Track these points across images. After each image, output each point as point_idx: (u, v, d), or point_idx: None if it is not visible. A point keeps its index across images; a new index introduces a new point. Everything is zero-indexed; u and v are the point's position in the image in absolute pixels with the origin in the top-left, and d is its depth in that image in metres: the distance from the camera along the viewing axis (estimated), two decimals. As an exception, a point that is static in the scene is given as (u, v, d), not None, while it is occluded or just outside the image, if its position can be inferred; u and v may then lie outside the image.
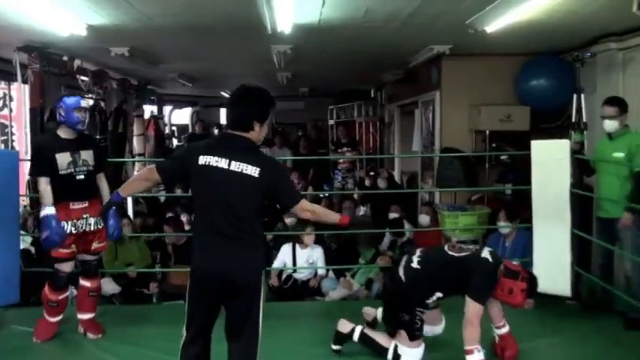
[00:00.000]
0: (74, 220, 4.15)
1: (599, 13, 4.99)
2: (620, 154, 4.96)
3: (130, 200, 7.80)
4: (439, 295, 3.78)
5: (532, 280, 3.76)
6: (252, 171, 2.85)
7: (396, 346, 3.83)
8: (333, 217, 3.30)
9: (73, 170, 4.11)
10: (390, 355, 3.85)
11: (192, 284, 2.97)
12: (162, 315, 5.14)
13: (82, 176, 4.14)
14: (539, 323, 4.98)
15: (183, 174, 2.99)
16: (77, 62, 7.56)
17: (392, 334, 3.90)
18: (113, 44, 6.49)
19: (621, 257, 5.01)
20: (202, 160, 2.88)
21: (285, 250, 6.38)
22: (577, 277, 5.07)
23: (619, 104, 5.05)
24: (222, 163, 2.86)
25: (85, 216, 4.19)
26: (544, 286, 5.05)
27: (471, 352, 3.58)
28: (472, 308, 3.63)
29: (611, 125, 5.02)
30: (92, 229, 4.25)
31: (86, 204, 4.20)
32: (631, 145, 4.88)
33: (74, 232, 4.15)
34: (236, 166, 2.85)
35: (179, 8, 4.92)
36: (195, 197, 3.01)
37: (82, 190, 4.18)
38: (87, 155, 4.21)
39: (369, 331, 4.04)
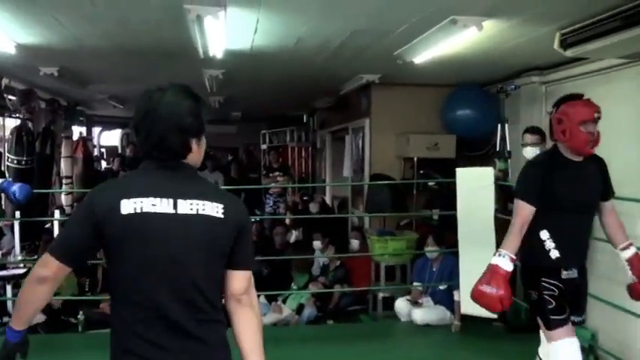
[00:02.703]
0: None
1: (523, 49, 5.21)
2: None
3: (55, 224, 7.58)
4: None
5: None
6: (214, 209, 1.92)
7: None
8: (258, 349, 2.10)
9: None
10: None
11: None
12: (88, 344, 5.01)
13: None
14: (466, 345, 5.12)
15: (99, 241, 1.90)
16: (5, 81, 7.34)
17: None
18: (42, 64, 6.33)
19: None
20: (127, 206, 1.85)
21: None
22: (502, 300, 5.23)
23: (539, 133, 5.34)
24: (164, 205, 1.88)
25: None
26: (471, 309, 5.23)
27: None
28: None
29: (531, 152, 5.27)
30: None
31: None
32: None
33: None
34: (187, 206, 1.90)
35: (111, 30, 4.87)
36: (117, 272, 1.92)
37: None
38: None
39: None
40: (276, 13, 4.23)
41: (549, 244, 3.29)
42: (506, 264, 3.21)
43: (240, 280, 2.01)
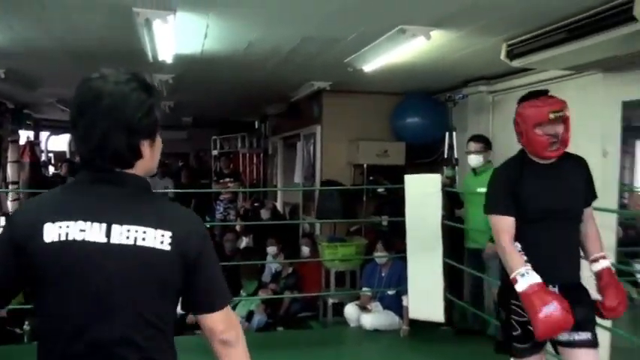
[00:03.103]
0: None
1: (470, 59, 5.32)
2: (483, 189, 5.30)
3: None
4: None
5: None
6: (157, 239, 1.50)
7: None
8: None
9: None
10: None
11: None
12: (33, 355, 4.87)
13: None
14: (414, 349, 5.19)
15: (18, 275, 1.53)
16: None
17: None
18: (-12, 66, 6.18)
19: (489, 284, 5.33)
20: (51, 232, 1.48)
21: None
22: (450, 304, 5.34)
23: (483, 141, 5.47)
24: (95, 232, 1.48)
25: None
26: (419, 313, 5.32)
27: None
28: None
29: (475, 160, 5.40)
30: None
31: None
32: (493, 180, 5.25)
33: None
34: (123, 233, 1.49)
35: (60, 33, 4.78)
36: (42, 310, 1.54)
37: None
38: None
39: None
40: (226, 18, 4.23)
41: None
42: (532, 278, 2.69)
43: (215, 323, 1.62)
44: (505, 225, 2.85)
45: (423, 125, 7.25)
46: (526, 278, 2.68)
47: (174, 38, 4.48)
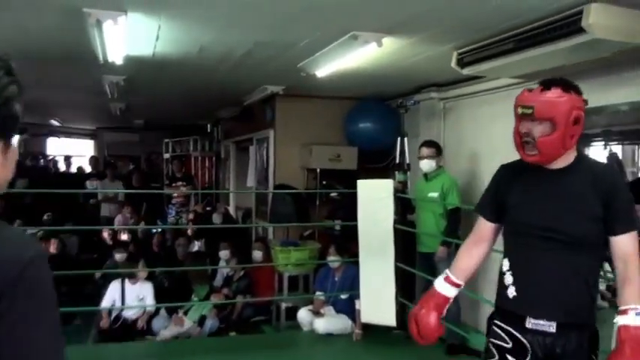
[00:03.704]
0: None
1: (422, 66, 5.38)
2: (434, 194, 5.41)
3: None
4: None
5: None
6: None
7: None
8: None
9: None
10: None
11: None
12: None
13: None
14: (367, 353, 5.23)
15: None
16: None
17: None
18: None
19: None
20: None
21: (114, 287, 6.16)
22: (402, 308, 5.39)
23: (435, 146, 5.56)
24: None
25: None
26: (371, 317, 5.36)
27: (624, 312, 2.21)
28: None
29: (427, 165, 5.48)
30: None
31: None
32: (444, 185, 5.36)
33: None
34: None
35: (7, 33, 4.66)
36: None
37: None
38: None
39: None
40: (178, 20, 4.19)
41: (508, 279, 2.39)
42: (439, 285, 2.54)
43: None
44: (478, 225, 2.57)
45: (376, 130, 7.32)
46: (438, 281, 2.57)
47: (126, 39, 4.42)
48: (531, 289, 2.31)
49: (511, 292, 2.36)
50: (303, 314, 5.80)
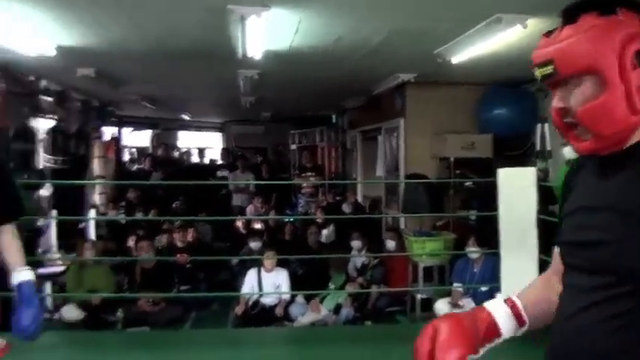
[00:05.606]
0: None
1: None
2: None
3: (92, 223, 7.68)
4: None
5: None
6: None
7: None
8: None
9: None
10: None
11: None
12: (127, 341, 5.03)
13: None
14: (509, 347, 5.05)
15: None
16: (44, 82, 7.43)
17: None
18: (80, 65, 6.41)
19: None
20: None
21: (251, 274, 6.34)
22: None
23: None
24: None
25: None
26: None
27: None
28: None
29: (569, 152, 5.20)
30: None
31: None
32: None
33: None
34: None
35: (151, 31, 4.90)
36: None
37: None
38: None
39: None
40: (319, 12, 4.22)
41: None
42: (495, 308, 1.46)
43: None
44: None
45: (512, 116, 7.05)
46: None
47: (266, 34, 4.51)
48: (563, 337, 1.34)
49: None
50: (441, 306, 5.70)
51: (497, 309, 1.44)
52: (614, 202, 1.19)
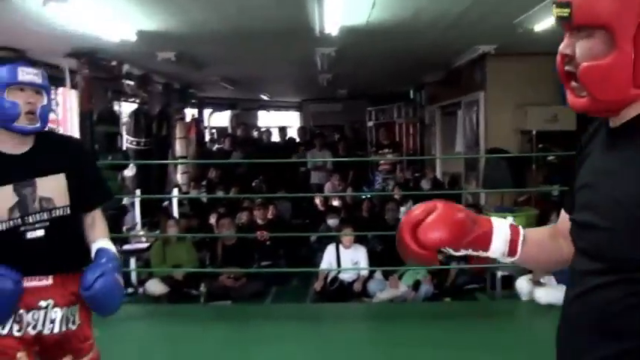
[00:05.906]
0: (22, 313, 2.08)
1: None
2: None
3: (175, 201, 7.92)
4: None
5: None
6: None
7: None
8: None
9: (19, 223, 2.07)
10: None
11: None
12: (209, 315, 5.19)
13: (38, 233, 2.10)
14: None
15: None
16: (126, 67, 7.69)
17: None
18: (160, 49, 6.58)
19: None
20: None
21: (330, 251, 6.38)
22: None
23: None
24: None
25: (43, 305, 2.10)
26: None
27: None
28: None
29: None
30: (57, 330, 2.13)
31: (47, 282, 2.11)
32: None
33: (19, 334, 2.07)
34: None
35: (233, 14, 4.97)
36: None
37: (39, 257, 2.10)
38: (50, 186, 2.13)
39: None
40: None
41: None
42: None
43: None
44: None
45: (597, 87, 6.74)
46: None
47: (343, 9, 4.49)
48: (565, 332, 1.27)
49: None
50: (523, 283, 5.57)
51: (499, 227, 1.41)
52: (612, 186, 1.11)
